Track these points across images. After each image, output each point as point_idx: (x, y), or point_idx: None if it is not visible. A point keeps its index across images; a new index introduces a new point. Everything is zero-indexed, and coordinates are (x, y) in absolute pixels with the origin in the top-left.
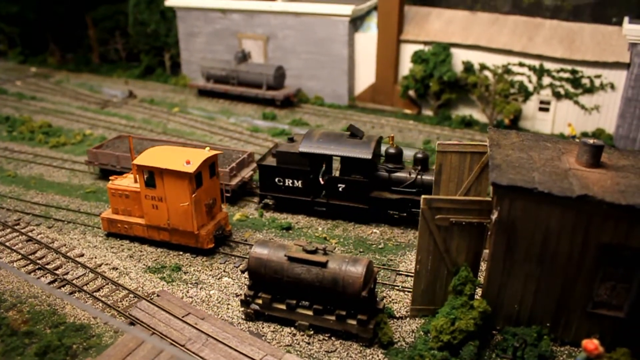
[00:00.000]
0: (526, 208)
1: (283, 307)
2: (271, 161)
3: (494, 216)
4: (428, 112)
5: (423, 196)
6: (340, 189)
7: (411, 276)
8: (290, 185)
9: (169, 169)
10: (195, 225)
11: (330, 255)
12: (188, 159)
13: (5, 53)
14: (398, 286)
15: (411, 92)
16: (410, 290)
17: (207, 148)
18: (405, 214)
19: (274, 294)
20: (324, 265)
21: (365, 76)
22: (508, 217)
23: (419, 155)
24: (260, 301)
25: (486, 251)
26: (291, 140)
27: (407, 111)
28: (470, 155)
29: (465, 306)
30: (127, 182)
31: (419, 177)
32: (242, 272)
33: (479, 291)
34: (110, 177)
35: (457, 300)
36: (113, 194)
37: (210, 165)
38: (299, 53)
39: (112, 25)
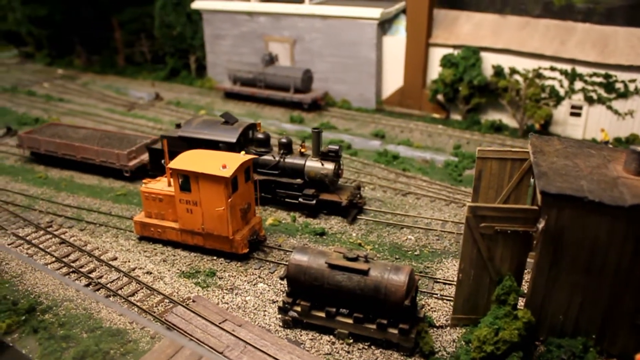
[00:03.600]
0: (574, 217)
1: (322, 314)
2: (159, 145)
3: (541, 225)
4: (456, 117)
5: (468, 204)
6: None
7: (449, 284)
8: None
9: (204, 173)
10: (230, 230)
11: (372, 262)
12: (224, 164)
13: (33, 55)
14: (436, 294)
15: (439, 97)
16: (450, 298)
17: (243, 153)
18: (270, 195)
19: (313, 301)
20: (365, 273)
21: (393, 80)
22: (555, 226)
23: (283, 140)
24: (298, 308)
25: (530, 260)
26: (178, 126)
27: (436, 115)
28: (511, 162)
29: (509, 316)
30: (161, 185)
31: (281, 160)
32: (281, 278)
33: (521, 301)
34: (143, 180)
35: (500, 310)
36: (146, 197)
37: (246, 169)
38: (325, 56)
39: (137, 28)
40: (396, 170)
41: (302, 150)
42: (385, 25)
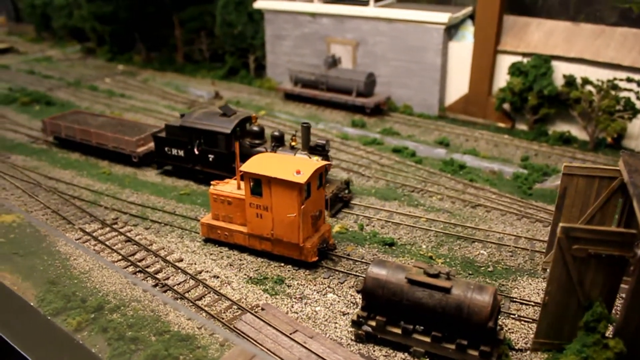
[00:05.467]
0: None
1: (398, 331)
2: (163, 133)
3: None
4: (522, 127)
5: (561, 224)
6: (210, 159)
7: (527, 304)
8: (175, 154)
9: (278, 178)
10: (301, 238)
11: (454, 280)
12: (298, 169)
13: (94, 51)
14: (514, 315)
15: (505, 105)
16: (528, 319)
17: (316, 158)
18: None
19: (390, 316)
20: (447, 291)
21: (458, 86)
22: None
23: (275, 134)
24: (373, 323)
25: (624, 286)
26: (182, 116)
27: (501, 125)
28: (599, 179)
29: (598, 345)
30: (230, 188)
31: (272, 152)
32: (358, 292)
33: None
34: (212, 182)
35: (589, 337)
36: (215, 199)
37: (319, 175)
38: (389, 60)
39: (198, 26)
40: (463, 180)
41: (293, 143)
42: (451, 30)
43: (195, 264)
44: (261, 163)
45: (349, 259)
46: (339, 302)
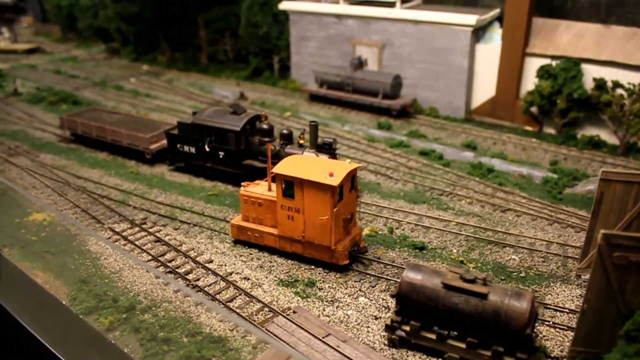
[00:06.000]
0: None
1: (432, 336)
2: (176, 130)
3: None
4: (550, 130)
5: (602, 231)
6: (220, 156)
7: (561, 311)
8: (187, 151)
9: (311, 180)
10: (332, 240)
11: (491, 286)
12: (331, 171)
13: (118, 51)
14: (548, 321)
15: (533, 109)
16: (563, 327)
17: (348, 160)
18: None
19: (424, 321)
20: (484, 296)
21: (484, 89)
22: None
23: (284, 132)
24: (407, 328)
25: None
26: (194, 113)
27: (528, 128)
28: (638, 185)
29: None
30: (261, 189)
31: (281, 150)
32: (392, 296)
33: None
34: (242, 184)
35: (630, 347)
36: (245, 200)
37: (351, 178)
38: (415, 62)
39: (222, 27)
40: (492, 184)
41: (301, 141)
42: (479, 32)
43: (225, 265)
44: (293, 165)
45: (380, 262)
46: (370, 305)
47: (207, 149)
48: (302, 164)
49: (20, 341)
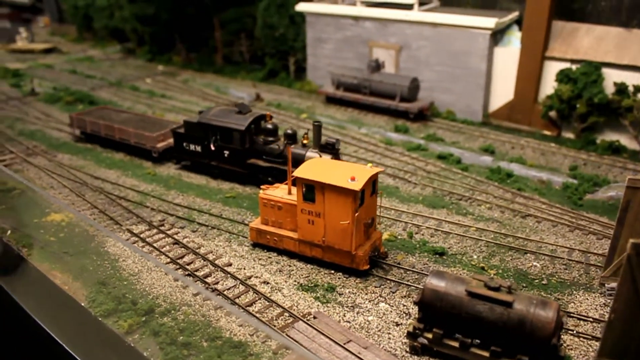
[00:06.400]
0: None
1: (455, 344)
2: (182, 129)
3: None
4: (569, 135)
5: (632, 241)
6: (225, 155)
7: (584, 320)
8: (193, 149)
9: (332, 184)
10: (353, 245)
11: (516, 294)
12: (353, 176)
13: (134, 51)
14: (572, 330)
15: (552, 113)
16: (587, 336)
17: (370, 164)
18: (270, 179)
19: (447, 329)
20: (509, 305)
21: (502, 93)
22: None
23: (288, 131)
24: (430, 335)
25: None
26: (200, 112)
27: (546, 132)
28: None
29: None
30: (281, 192)
31: (285, 150)
32: (415, 303)
33: None
34: (261, 187)
35: None
36: (265, 204)
37: (373, 182)
38: (432, 65)
39: (238, 28)
40: (511, 189)
41: (305, 141)
42: (497, 35)
43: (244, 268)
44: (314, 169)
45: (400, 267)
46: (391, 312)
47: (213, 148)
48: (323, 168)
49: (39, 342)
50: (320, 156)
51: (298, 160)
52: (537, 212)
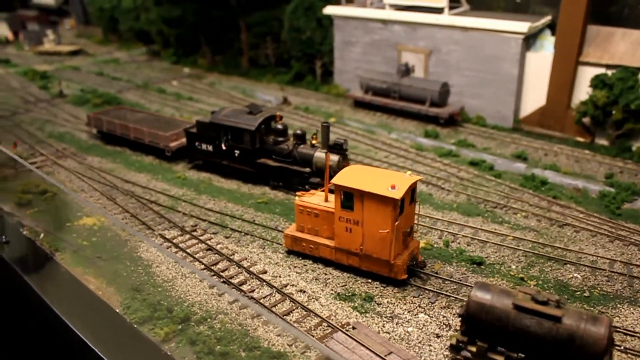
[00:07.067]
0: None
1: (500, 358)
2: (195, 129)
3: None
4: (602, 141)
5: None
6: (236, 154)
7: (632, 335)
8: (205, 149)
9: (372, 192)
10: (392, 254)
11: (564, 309)
12: (393, 184)
13: (159, 53)
14: (619, 346)
15: (585, 119)
16: (636, 352)
17: (409, 172)
18: (280, 182)
19: (492, 343)
20: (558, 320)
21: (534, 98)
22: None
23: (298, 132)
24: (474, 349)
25: None
26: (213, 113)
27: (579, 139)
28: None
29: None
30: (317, 200)
31: (294, 150)
32: (459, 316)
33: None
34: (297, 193)
35: None
36: (301, 211)
37: (412, 190)
38: (462, 69)
39: (264, 31)
40: (547, 197)
41: (314, 142)
42: (529, 40)
43: (279, 276)
44: (353, 176)
45: (438, 277)
46: (431, 323)
47: (224, 147)
48: (361, 175)
49: (72, 348)
50: (329, 156)
51: (306, 160)
52: (575, 221)
